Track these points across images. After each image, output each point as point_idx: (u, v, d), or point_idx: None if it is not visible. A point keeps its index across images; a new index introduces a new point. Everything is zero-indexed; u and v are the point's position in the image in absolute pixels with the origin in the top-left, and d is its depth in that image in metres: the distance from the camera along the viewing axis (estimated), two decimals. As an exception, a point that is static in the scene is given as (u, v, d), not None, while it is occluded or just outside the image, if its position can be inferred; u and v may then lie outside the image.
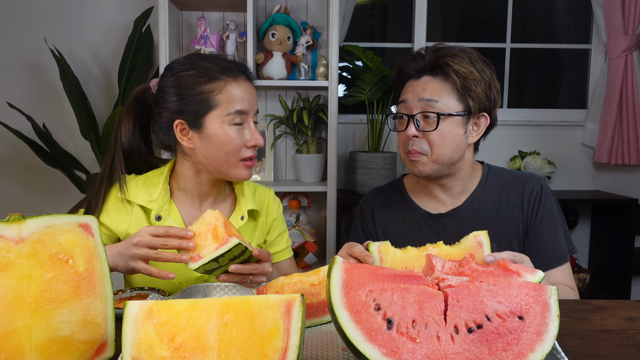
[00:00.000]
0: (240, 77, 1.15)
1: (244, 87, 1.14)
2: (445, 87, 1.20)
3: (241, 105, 1.13)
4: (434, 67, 1.21)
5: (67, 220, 0.69)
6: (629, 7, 2.63)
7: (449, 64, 1.19)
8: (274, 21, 2.43)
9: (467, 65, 1.19)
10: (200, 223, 0.95)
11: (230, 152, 1.13)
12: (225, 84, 1.13)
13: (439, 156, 1.19)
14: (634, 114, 2.70)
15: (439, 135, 1.18)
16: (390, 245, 0.96)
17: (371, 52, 2.58)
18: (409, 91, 1.23)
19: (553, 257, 1.21)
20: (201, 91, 1.12)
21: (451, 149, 1.20)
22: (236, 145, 1.13)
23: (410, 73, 1.24)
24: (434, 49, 1.24)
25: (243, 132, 1.14)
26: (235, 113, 1.12)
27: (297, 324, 0.59)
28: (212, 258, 0.90)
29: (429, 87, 1.20)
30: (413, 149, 1.20)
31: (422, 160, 1.20)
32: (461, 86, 1.18)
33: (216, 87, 1.12)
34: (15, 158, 2.67)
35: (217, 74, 1.13)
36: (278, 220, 1.36)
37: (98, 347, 0.70)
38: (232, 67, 1.15)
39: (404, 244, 1.00)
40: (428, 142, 1.19)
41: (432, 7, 2.83)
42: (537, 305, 0.63)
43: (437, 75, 1.21)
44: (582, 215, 2.87)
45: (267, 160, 2.61)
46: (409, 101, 1.22)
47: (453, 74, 1.18)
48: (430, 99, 1.19)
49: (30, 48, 2.59)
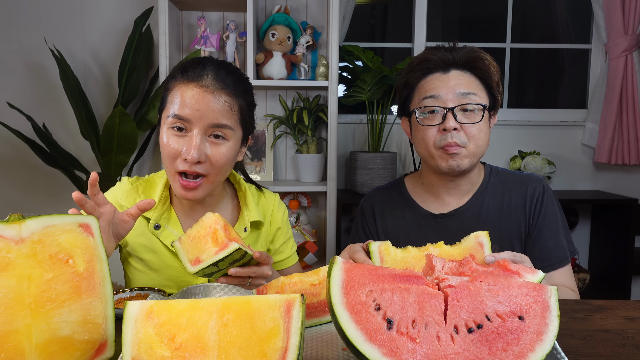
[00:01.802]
0: (192, 82, 1.05)
1: (192, 93, 1.04)
2: (476, 82, 1.21)
3: (181, 111, 1.03)
4: (466, 61, 1.21)
5: (67, 220, 0.69)
6: (629, 7, 2.63)
7: (487, 59, 1.21)
8: (274, 21, 2.43)
9: (494, 62, 1.22)
10: (199, 226, 0.94)
11: (166, 157, 1.06)
12: (175, 86, 1.07)
13: (476, 149, 1.19)
14: (634, 114, 2.70)
15: (478, 128, 1.18)
16: (391, 245, 0.96)
17: (371, 52, 2.58)
18: (439, 86, 1.20)
19: (554, 259, 1.21)
20: (165, 88, 1.11)
21: (485, 142, 1.21)
22: (168, 152, 1.05)
23: (436, 64, 1.22)
24: (456, 47, 1.23)
25: (182, 141, 1.05)
26: (173, 117, 1.04)
27: (297, 324, 0.59)
28: (211, 262, 0.89)
29: (463, 81, 1.20)
30: (453, 141, 1.17)
31: (461, 154, 1.19)
32: (496, 82, 1.22)
33: (171, 87, 1.09)
34: (15, 158, 2.67)
35: (178, 74, 1.08)
36: (282, 229, 1.32)
37: (98, 347, 0.70)
38: (192, 71, 1.06)
39: (405, 244, 0.99)
40: (467, 135, 1.18)
41: (432, 7, 2.83)
42: (537, 305, 0.63)
43: (466, 71, 1.21)
44: (582, 216, 2.87)
45: (267, 160, 2.61)
46: (442, 96, 1.18)
47: (492, 68, 1.21)
48: (468, 92, 1.18)
49: (30, 48, 2.59)
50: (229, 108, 1.07)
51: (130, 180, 1.20)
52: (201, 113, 1.04)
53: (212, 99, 1.05)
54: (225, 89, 1.07)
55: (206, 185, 1.09)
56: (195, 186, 1.07)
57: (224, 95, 1.06)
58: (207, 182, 1.08)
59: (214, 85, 1.06)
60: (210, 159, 1.06)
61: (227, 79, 1.08)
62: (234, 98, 1.09)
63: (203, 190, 1.09)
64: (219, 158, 1.07)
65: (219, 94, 1.06)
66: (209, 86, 1.05)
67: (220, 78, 1.07)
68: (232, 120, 1.08)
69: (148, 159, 2.72)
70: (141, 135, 2.61)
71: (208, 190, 1.10)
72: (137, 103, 2.63)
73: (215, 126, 1.05)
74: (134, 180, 1.21)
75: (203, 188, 1.08)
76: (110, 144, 2.24)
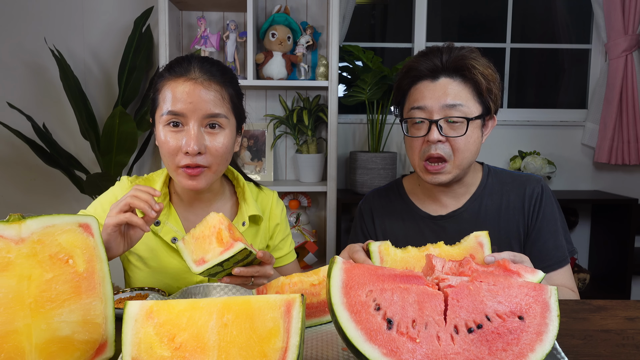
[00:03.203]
0: (181, 77, 1.07)
1: (182, 88, 1.06)
2: (465, 90, 1.16)
3: (174, 106, 1.05)
4: (455, 68, 1.16)
5: (67, 220, 0.69)
6: (629, 7, 2.63)
7: (475, 67, 1.14)
8: (274, 21, 2.43)
9: (486, 67, 1.16)
10: (203, 226, 0.94)
11: (166, 155, 1.08)
12: (164, 84, 1.09)
13: (462, 161, 1.17)
14: (634, 114, 2.70)
15: (464, 140, 1.15)
16: (391, 245, 0.96)
17: (371, 52, 2.58)
18: (426, 96, 1.17)
19: (554, 260, 1.21)
20: (154, 90, 1.13)
21: (473, 153, 1.18)
22: (169, 148, 1.07)
23: (424, 73, 1.18)
24: (447, 49, 1.18)
25: (179, 135, 1.07)
26: (168, 114, 1.06)
27: (297, 324, 0.59)
28: (217, 262, 0.89)
29: (451, 90, 1.15)
30: (436, 152, 1.15)
31: (444, 170, 1.17)
32: (486, 89, 1.16)
33: (160, 86, 1.10)
34: (15, 158, 2.67)
35: (165, 72, 1.10)
36: (281, 225, 1.33)
37: (98, 347, 0.70)
38: (178, 67, 1.09)
39: (404, 246, 0.99)
40: (451, 147, 1.16)
41: (432, 7, 2.83)
42: (537, 305, 0.63)
43: (456, 77, 1.16)
44: (582, 216, 2.87)
45: (267, 160, 2.61)
46: (428, 107, 1.16)
47: (479, 76, 1.14)
48: (454, 103, 1.14)
49: (30, 48, 2.59)
50: (220, 97, 1.09)
51: (129, 179, 1.21)
52: (194, 105, 1.06)
53: (202, 90, 1.07)
54: (213, 78, 1.09)
55: (209, 175, 1.10)
56: (198, 173, 1.08)
57: (214, 84, 1.09)
58: (209, 171, 1.10)
59: (202, 76, 1.08)
60: (210, 149, 1.08)
61: (213, 69, 1.11)
62: (223, 87, 1.11)
63: (206, 179, 1.10)
64: (218, 147, 1.09)
65: (209, 84, 1.08)
66: (197, 78, 1.07)
67: (207, 69, 1.09)
68: (225, 108, 1.10)
69: (148, 159, 2.72)
70: (141, 135, 2.61)
71: (211, 180, 1.12)
72: (137, 103, 2.63)
73: (210, 116, 1.07)
74: (132, 179, 1.21)
75: (206, 177, 1.10)
76: (110, 144, 2.24)
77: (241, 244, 0.88)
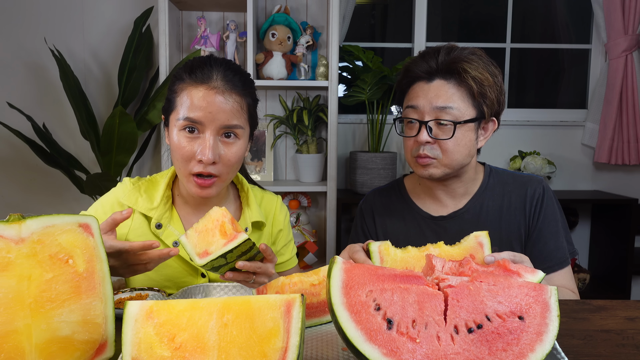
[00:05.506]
0: (202, 84, 1.05)
1: (202, 95, 1.04)
2: (459, 92, 1.16)
3: (192, 113, 1.04)
4: (449, 70, 1.16)
5: (67, 220, 0.69)
6: (629, 7, 2.63)
7: (466, 70, 1.14)
8: (274, 21, 2.43)
9: (482, 70, 1.15)
10: (206, 220, 0.93)
11: (179, 159, 1.07)
12: (184, 88, 1.07)
13: (450, 162, 1.17)
14: (634, 114, 2.70)
15: (453, 142, 1.15)
16: (391, 245, 0.96)
17: (371, 52, 2.58)
18: (420, 96, 1.18)
19: (554, 261, 1.21)
20: (171, 90, 1.11)
21: (463, 155, 1.18)
22: (183, 154, 1.06)
23: (420, 75, 1.19)
24: (446, 50, 1.18)
25: (194, 142, 1.06)
26: (184, 120, 1.05)
27: (297, 324, 0.59)
28: (221, 253, 0.88)
29: (443, 92, 1.15)
30: (424, 153, 1.17)
31: (432, 164, 1.18)
32: (478, 93, 1.15)
33: (179, 89, 1.09)
34: (15, 158, 2.67)
35: (185, 75, 1.08)
36: (284, 231, 1.32)
37: (98, 347, 0.70)
38: (200, 72, 1.07)
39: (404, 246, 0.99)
40: (440, 148, 1.16)
41: (432, 7, 2.83)
42: (537, 305, 0.63)
43: (451, 80, 1.16)
44: (582, 216, 2.87)
45: (267, 160, 2.61)
46: (420, 107, 1.17)
47: (470, 81, 1.14)
48: (444, 106, 1.14)
49: (30, 48, 2.59)
50: (239, 107, 1.08)
51: (131, 180, 1.20)
52: (213, 115, 1.05)
53: (222, 100, 1.06)
54: (234, 89, 1.08)
55: (219, 184, 1.11)
56: (210, 184, 1.08)
57: (234, 95, 1.08)
58: (219, 181, 1.10)
59: (224, 86, 1.06)
60: (223, 158, 1.08)
61: (235, 79, 1.09)
62: (243, 97, 1.10)
63: (216, 188, 1.11)
64: (231, 157, 1.09)
65: (229, 94, 1.07)
66: (219, 87, 1.06)
67: (229, 79, 1.08)
68: (242, 119, 1.10)
69: (148, 159, 2.72)
70: (141, 135, 2.60)
71: (220, 188, 1.12)
72: (137, 103, 2.63)
73: (227, 127, 1.07)
74: (135, 180, 1.21)
75: (217, 186, 1.11)
76: (110, 144, 2.24)
77: (245, 234, 0.88)
